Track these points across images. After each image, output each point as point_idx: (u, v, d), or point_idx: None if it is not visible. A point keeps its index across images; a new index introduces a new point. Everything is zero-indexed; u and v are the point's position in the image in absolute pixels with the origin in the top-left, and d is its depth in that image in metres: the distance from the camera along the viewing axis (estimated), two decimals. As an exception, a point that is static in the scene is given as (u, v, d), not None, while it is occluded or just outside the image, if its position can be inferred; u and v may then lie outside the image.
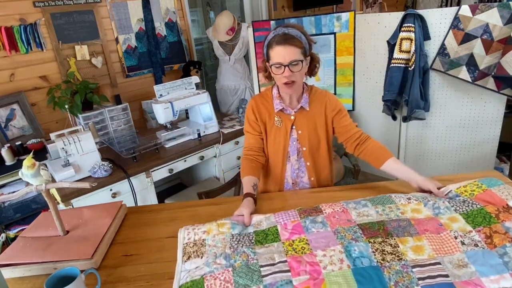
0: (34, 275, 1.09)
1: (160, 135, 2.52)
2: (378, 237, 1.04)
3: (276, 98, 1.49)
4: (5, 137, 2.37)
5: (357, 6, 4.32)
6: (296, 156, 1.54)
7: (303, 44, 1.34)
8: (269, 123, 1.51)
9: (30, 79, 2.47)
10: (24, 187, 1.13)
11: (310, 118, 1.50)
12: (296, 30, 1.34)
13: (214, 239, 1.13)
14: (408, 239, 1.02)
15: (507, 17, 1.97)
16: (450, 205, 1.16)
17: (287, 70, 1.32)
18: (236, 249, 1.07)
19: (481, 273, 0.89)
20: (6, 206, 2.06)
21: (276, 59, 1.32)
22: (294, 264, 0.98)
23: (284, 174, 1.57)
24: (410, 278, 0.89)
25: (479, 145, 2.37)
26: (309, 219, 1.16)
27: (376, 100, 2.61)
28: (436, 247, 0.99)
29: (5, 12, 2.30)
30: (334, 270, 0.94)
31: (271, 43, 1.34)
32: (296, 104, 1.50)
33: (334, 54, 2.60)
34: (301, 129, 1.50)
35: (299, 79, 1.39)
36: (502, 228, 1.01)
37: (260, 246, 1.09)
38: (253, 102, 1.54)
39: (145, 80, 3.06)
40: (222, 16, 3.00)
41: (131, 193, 2.19)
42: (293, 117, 1.49)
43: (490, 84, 2.13)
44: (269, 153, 1.56)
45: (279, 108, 1.48)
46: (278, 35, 1.33)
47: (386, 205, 1.19)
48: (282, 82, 1.36)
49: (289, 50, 1.31)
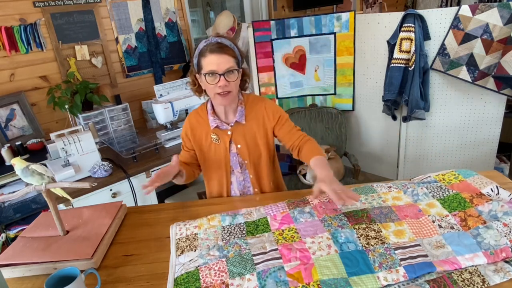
0: (34, 275, 1.09)
1: (160, 135, 2.52)
2: (362, 223, 1.12)
3: (210, 115, 1.43)
4: (5, 137, 2.37)
5: (357, 6, 4.32)
6: (240, 168, 1.49)
7: (236, 54, 1.31)
8: (206, 141, 1.46)
9: (30, 79, 2.47)
10: (24, 187, 1.14)
11: (248, 131, 1.44)
12: (229, 40, 1.31)
13: (206, 232, 1.18)
14: (390, 224, 1.12)
15: (507, 17, 1.97)
16: (428, 191, 1.26)
17: (222, 79, 1.26)
18: (228, 241, 1.13)
19: (457, 252, 0.99)
20: (6, 206, 2.05)
21: (210, 67, 1.26)
22: (285, 252, 1.05)
23: (229, 187, 1.53)
24: (393, 259, 0.98)
25: (479, 145, 2.37)
26: (297, 210, 1.23)
27: (376, 100, 2.61)
28: (415, 230, 1.09)
29: (5, 12, 2.30)
30: (322, 255, 1.02)
31: (204, 51, 1.27)
32: (232, 118, 1.43)
33: (334, 54, 2.60)
34: (240, 143, 1.45)
35: (235, 89, 1.33)
36: (476, 212, 1.12)
37: (251, 236, 1.14)
38: (188, 119, 1.48)
39: (145, 80, 3.06)
40: (222, 16, 3.00)
41: (131, 193, 2.19)
42: (230, 132, 1.43)
43: (490, 84, 2.13)
44: (211, 168, 1.51)
45: (214, 126, 1.42)
46: (211, 43, 1.28)
47: (368, 194, 1.28)
48: (216, 92, 1.29)
49: (223, 59, 1.26)
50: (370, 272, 0.94)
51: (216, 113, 1.44)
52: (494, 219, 1.07)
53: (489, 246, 0.99)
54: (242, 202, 1.41)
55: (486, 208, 1.12)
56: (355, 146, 2.88)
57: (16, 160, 1.11)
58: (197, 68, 1.33)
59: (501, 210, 1.09)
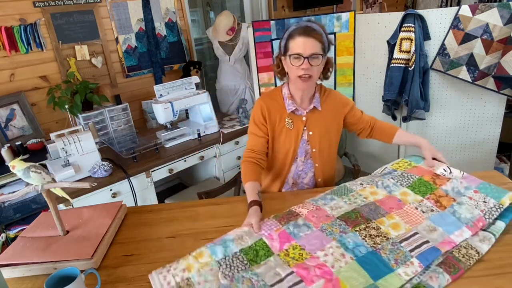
0: (34, 275, 1.09)
1: (160, 135, 2.52)
2: (361, 224, 1.11)
3: (287, 98, 1.44)
4: (5, 137, 2.37)
5: (357, 6, 4.33)
6: (303, 157, 1.50)
7: (324, 40, 1.32)
8: (279, 125, 1.45)
9: (30, 79, 2.47)
10: (24, 187, 1.13)
11: (322, 118, 1.46)
12: (319, 26, 1.32)
13: (200, 273, 0.98)
14: (383, 219, 1.13)
15: (507, 17, 1.97)
16: (395, 181, 1.31)
17: (306, 62, 1.28)
18: (233, 277, 0.96)
19: (448, 231, 1.06)
20: (6, 206, 2.05)
21: (297, 50, 1.29)
22: (303, 273, 0.95)
23: (287, 175, 1.54)
24: (403, 253, 0.99)
25: (479, 145, 2.37)
26: (291, 224, 1.14)
27: (376, 100, 2.61)
28: (406, 220, 1.12)
29: (5, 12, 2.30)
30: (341, 266, 0.97)
31: (293, 34, 1.30)
32: (307, 104, 1.45)
33: (334, 54, 2.60)
34: (313, 130, 1.46)
35: (316, 75, 1.34)
36: (443, 192, 1.22)
37: (257, 265, 1.00)
38: (261, 102, 1.46)
39: (145, 80, 3.06)
40: (222, 16, 3.00)
41: (131, 193, 2.19)
42: (304, 118, 1.45)
43: (490, 84, 2.13)
44: (276, 154, 1.51)
45: (291, 109, 1.43)
46: (301, 27, 1.30)
47: (349, 194, 1.28)
48: (298, 74, 1.31)
49: (310, 42, 1.28)
50: (390, 271, 0.94)
51: (293, 97, 1.44)
52: (459, 195, 1.20)
53: (467, 220, 1.09)
54: (243, 202, 1.40)
55: (449, 186, 1.24)
56: (355, 146, 2.88)
57: (15, 162, 1.11)
58: (284, 50, 1.35)
59: (462, 186, 1.23)
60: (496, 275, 0.93)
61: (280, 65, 1.42)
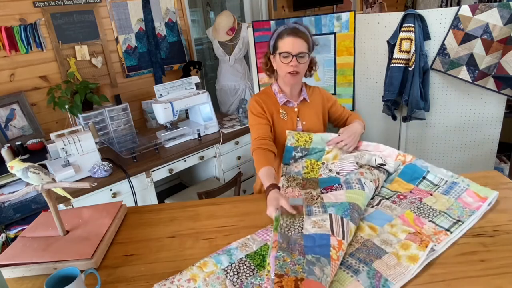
0: (34, 275, 1.09)
1: (160, 135, 2.52)
2: None
3: (278, 93, 1.58)
4: (5, 137, 2.37)
5: (357, 6, 4.33)
6: None
7: (309, 41, 1.46)
8: (275, 117, 1.56)
9: (30, 79, 2.47)
10: (24, 187, 1.13)
11: (312, 108, 1.61)
12: (305, 28, 1.47)
13: (206, 282, 0.96)
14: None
15: (507, 17, 1.96)
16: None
17: (294, 60, 1.42)
18: (242, 284, 0.94)
19: None
20: (6, 206, 2.05)
21: (286, 49, 1.42)
22: None
23: None
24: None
25: (479, 145, 2.37)
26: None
27: (376, 100, 2.61)
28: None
29: (5, 12, 2.30)
30: None
31: (282, 34, 1.44)
32: (297, 98, 1.60)
33: (334, 54, 2.60)
34: (305, 119, 1.59)
35: (302, 72, 1.49)
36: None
37: (265, 270, 0.98)
38: (256, 97, 1.58)
39: (145, 80, 3.06)
40: (222, 16, 3.00)
41: (131, 193, 2.20)
42: (296, 109, 1.58)
43: (490, 84, 2.13)
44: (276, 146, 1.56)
45: (283, 101, 1.56)
46: (289, 28, 1.44)
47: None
48: (287, 71, 1.44)
49: (298, 42, 1.41)
50: None
51: (284, 92, 1.58)
52: None
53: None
54: (243, 202, 1.41)
55: None
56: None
57: (13, 163, 1.10)
58: (273, 49, 1.49)
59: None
60: (496, 275, 0.93)
61: (269, 63, 1.57)
